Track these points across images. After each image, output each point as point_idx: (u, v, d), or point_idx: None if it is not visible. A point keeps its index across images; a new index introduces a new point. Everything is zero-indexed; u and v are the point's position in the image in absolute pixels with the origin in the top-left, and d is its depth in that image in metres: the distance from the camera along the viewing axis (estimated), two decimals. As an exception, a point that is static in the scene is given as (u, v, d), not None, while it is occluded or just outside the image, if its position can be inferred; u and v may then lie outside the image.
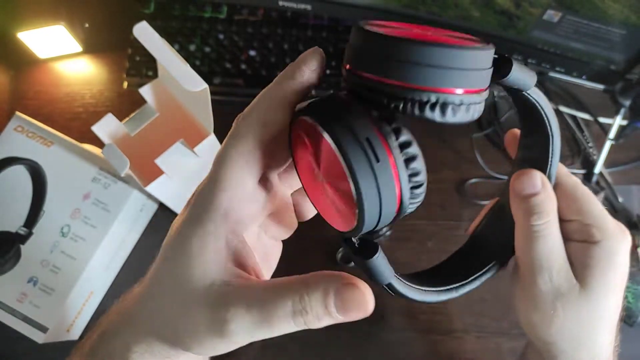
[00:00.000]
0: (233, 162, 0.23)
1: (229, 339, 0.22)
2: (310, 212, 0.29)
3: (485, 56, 0.22)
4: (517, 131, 0.33)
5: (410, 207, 0.23)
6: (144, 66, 0.68)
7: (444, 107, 0.21)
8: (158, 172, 0.46)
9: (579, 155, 0.67)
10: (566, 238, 0.32)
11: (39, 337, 0.52)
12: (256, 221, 0.27)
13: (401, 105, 0.21)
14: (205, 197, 0.23)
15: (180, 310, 0.23)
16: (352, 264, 0.60)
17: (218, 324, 0.21)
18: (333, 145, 0.21)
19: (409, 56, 0.20)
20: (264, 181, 0.26)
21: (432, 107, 0.21)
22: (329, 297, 0.21)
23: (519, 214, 0.32)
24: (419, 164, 0.22)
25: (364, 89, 0.22)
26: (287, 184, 0.28)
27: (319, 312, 0.21)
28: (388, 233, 0.62)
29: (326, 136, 0.21)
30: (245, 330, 0.21)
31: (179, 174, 0.49)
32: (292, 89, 0.23)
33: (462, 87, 0.21)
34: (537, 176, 0.31)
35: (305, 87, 0.23)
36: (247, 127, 0.23)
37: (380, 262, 0.24)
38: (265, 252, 0.30)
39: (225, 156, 0.23)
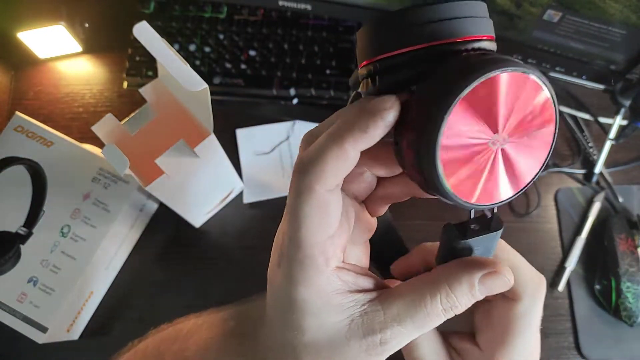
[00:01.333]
0: (309, 220, 0.22)
1: (389, 352, 0.23)
2: (384, 205, 0.28)
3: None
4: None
5: None
6: (144, 66, 0.68)
7: None
8: (158, 172, 0.46)
9: (579, 155, 0.67)
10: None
11: (39, 337, 0.52)
12: (347, 243, 0.26)
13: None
14: (297, 257, 0.22)
15: (333, 354, 0.23)
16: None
17: (378, 347, 0.23)
18: (547, 90, 0.20)
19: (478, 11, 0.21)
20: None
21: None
22: (474, 289, 0.23)
23: None
24: None
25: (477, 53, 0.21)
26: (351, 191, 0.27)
27: (467, 302, 0.23)
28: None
29: (540, 81, 0.20)
30: (404, 341, 0.23)
31: (179, 174, 0.49)
32: (362, 142, 0.21)
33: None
34: None
35: (376, 141, 0.21)
36: (313, 178, 0.21)
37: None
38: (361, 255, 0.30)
39: (299, 215, 0.22)
